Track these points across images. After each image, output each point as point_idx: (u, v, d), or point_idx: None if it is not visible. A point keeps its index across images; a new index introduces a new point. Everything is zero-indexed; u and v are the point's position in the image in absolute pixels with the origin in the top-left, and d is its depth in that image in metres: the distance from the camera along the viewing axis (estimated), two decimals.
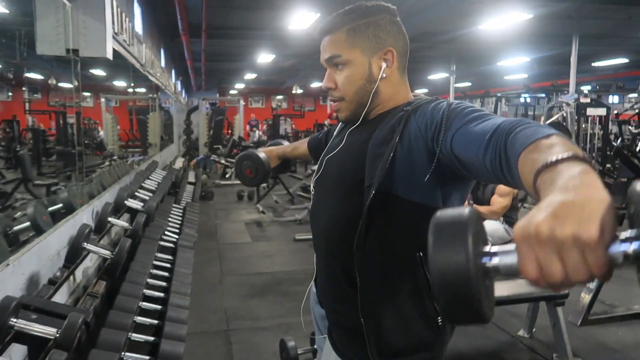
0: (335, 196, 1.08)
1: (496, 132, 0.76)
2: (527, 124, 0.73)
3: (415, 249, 0.97)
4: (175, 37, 8.68)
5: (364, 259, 1.00)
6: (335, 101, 1.10)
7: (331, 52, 1.06)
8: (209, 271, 4.34)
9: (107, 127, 9.00)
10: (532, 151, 0.65)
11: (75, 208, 2.76)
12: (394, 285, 1.01)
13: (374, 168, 0.97)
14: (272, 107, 20.14)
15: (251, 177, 1.55)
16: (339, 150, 1.13)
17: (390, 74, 1.06)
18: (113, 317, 1.86)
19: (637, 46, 10.42)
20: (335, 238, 1.06)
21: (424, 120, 0.95)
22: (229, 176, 10.41)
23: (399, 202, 0.97)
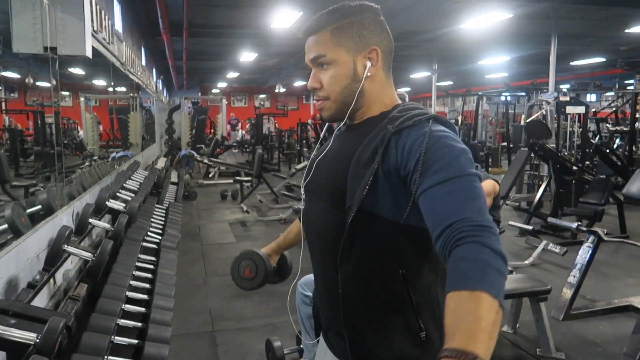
0: (325, 204, 1.07)
1: (447, 231, 0.80)
2: (473, 240, 0.77)
3: (398, 266, 0.99)
4: (156, 36, 8.57)
5: (348, 274, 1.02)
6: (319, 100, 1.09)
7: (316, 52, 1.05)
8: (193, 272, 4.29)
9: (87, 127, 8.85)
10: (455, 304, 0.72)
11: (54, 210, 2.70)
12: (376, 300, 1.02)
13: (354, 189, 0.97)
14: (255, 106, 20.05)
15: (250, 277, 1.39)
16: (326, 155, 1.12)
17: (375, 73, 1.05)
18: (95, 321, 1.83)
19: (613, 46, 10.64)
20: (330, 244, 1.05)
21: (401, 154, 0.94)
22: (212, 175, 10.33)
23: (382, 221, 0.97)
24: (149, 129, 11.04)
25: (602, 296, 3.58)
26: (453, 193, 0.85)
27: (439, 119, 0.98)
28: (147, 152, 8.92)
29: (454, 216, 0.81)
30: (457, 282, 0.74)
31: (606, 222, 5.26)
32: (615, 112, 10.62)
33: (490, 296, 0.70)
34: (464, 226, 0.79)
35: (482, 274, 0.73)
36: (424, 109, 1.03)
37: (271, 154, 13.55)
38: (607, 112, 11.51)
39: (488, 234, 0.77)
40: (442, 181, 0.86)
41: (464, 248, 0.77)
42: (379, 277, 1.01)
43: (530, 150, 5.32)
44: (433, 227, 0.84)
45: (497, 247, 0.76)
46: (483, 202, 0.84)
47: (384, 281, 1.00)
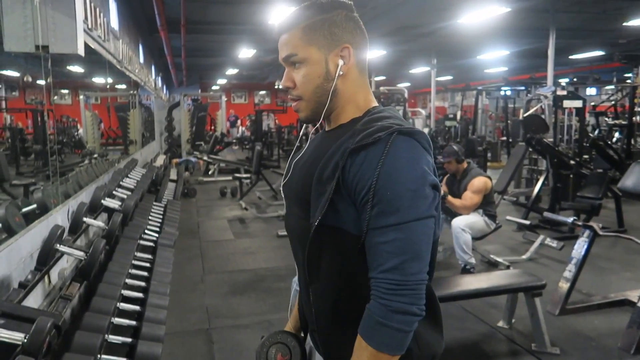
0: (299, 211, 1.06)
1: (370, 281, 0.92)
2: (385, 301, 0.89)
3: (367, 280, 0.96)
4: (153, 33, 8.55)
5: (318, 291, 1.02)
6: (294, 100, 1.07)
7: (287, 50, 1.03)
8: (190, 269, 4.30)
9: (87, 125, 8.84)
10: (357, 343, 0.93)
11: (49, 208, 2.70)
12: (348, 316, 1.01)
13: (317, 204, 0.96)
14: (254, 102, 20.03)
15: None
16: (301, 158, 1.11)
17: (348, 71, 1.03)
18: (88, 320, 1.83)
19: (612, 39, 10.59)
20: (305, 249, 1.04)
21: (353, 180, 0.92)
22: (211, 172, 10.34)
23: (347, 236, 0.96)
24: (148, 127, 11.04)
25: (598, 290, 3.58)
26: (386, 244, 0.90)
27: (404, 131, 0.92)
28: (146, 150, 8.92)
29: (377, 270, 0.90)
30: (362, 330, 0.92)
31: (604, 216, 5.26)
32: (614, 106, 10.58)
33: (379, 352, 0.90)
34: (379, 285, 0.90)
35: (379, 334, 0.89)
36: (392, 117, 0.99)
37: (271, 150, 13.55)
38: (607, 106, 11.47)
39: (397, 296, 0.88)
40: (381, 227, 0.90)
41: (373, 305, 0.90)
42: (348, 291, 1.00)
43: (528, 144, 5.31)
44: (369, 268, 0.93)
45: (402, 308, 0.88)
46: (416, 253, 0.90)
47: (354, 295, 0.99)
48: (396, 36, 9.51)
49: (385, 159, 0.89)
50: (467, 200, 3.98)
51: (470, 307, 3.27)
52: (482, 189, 4.00)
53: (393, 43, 10.26)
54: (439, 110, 17.91)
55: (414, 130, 0.94)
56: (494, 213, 4.13)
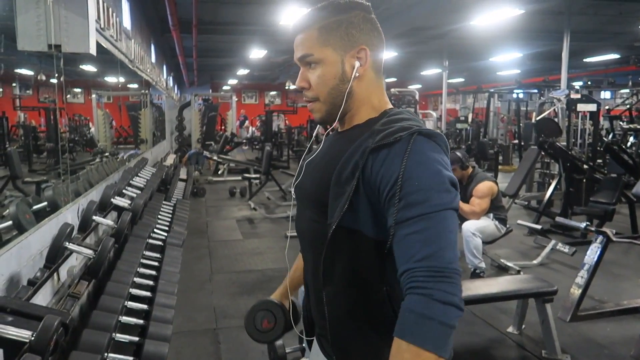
0: (312, 213, 1.05)
1: (404, 276, 0.85)
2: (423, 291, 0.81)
3: (381, 284, 0.96)
4: (165, 33, 8.61)
5: (332, 293, 1.00)
6: (309, 101, 1.06)
7: (303, 50, 1.02)
8: (198, 269, 4.31)
9: (99, 124, 8.92)
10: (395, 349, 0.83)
11: (60, 206, 2.72)
12: (362, 319, 0.99)
13: (335, 206, 0.95)
14: (265, 103, 20.08)
15: (270, 327, 1.25)
16: (315, 159, 1.09)
17: (364, 73, 1.02)
18: (96, 318, 1.83)
19: (628, 42, 10.45)
20: (319, 251, 1.02)
21: (376, 177, 0.91)
22: (221, 172, 10.37)
23: (364, 239, 0.95)
24: (159, 126, 11.11)
25: (611, 297, 3.53)
26: (416, 234, 0.85)
27: (424, 132, 0.92)
28: (156, 149, 8.97)
29: (411, 261, 0.84)
30: (401, 330, 0.82)
31: (617, 221, 5.18)
32: (629, 110, 10.44)
33: (424, 351, 0.79)
34: (418, 275, 0.82)
35: (421, 329, 0.80)
36: (411, 119, 0.98)
37: (281, 151, 13.56)
38: (621, 110, 11.32)
39: (439, 283, 0.81)
40: (410, 218, 0.86)
41: (411, 299, 0.82)
42: (363, 295, 0.98)
43: (540, 148, 5.25)
44: (397, 264, 0.87)
45: (447, 298, 0.80)
46: (448, 241, 0.85)
47: (369, 299, 0.97)
48: (408, 38, 9.47)
49: (409, 155, 0.88)
50: (476, 206, 3.96)
51: (479, 312, 3.23)
52: (487, 194, 3.97)
53: (405, 45, 10.23)
54: (450, 113, 17.80)
55: (434, 132, 0.93)
56: (504, 217, 4.09)
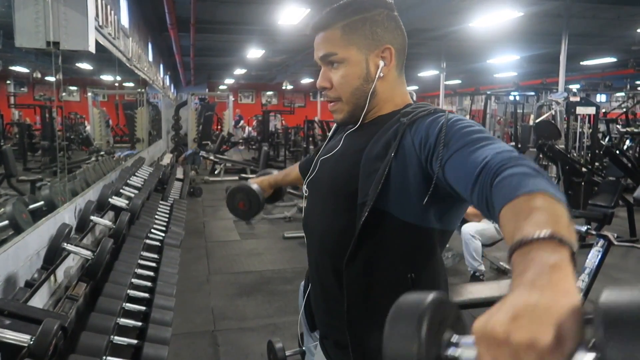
0: (328, 205, 1.02)
1: (484, 170, 0.72)
2: (515, 164, 0.68)
3: (406, 269, 0.94)
4: (163, 31, 8.56)
5: (353, 277, 0.96)
6: (331, 102, 1.03)
7: (326, 49, 0.99)
8: (196, 270, 4.27)
9: (94, 122, 8.85)
10: (513, 211, 0.61)
11: (57, 206, 2.68)
12: (382, 306, 0.96)
13: (368, 184, 0.92)
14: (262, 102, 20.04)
15: (245, 209, 1.48)
16: (334, 154, 1.07)
17: (388, 73, 1.00)
18: (94, 320, 1.80)
19: (624, 45, 10.48)
20: (330, 248, 1.00)
21: (419, 138, 0.89)
22: (217, 172, 10.32)
23: (392, 220, 0.92)
24: (155, 125, 11.04)
25: None
26: (481, 148, 0.77)
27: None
28: (153, 148, 8.92)
29: (488, 155, 0.73)
30: (508, 195, 0.63)
31: (615, 224, 5.17)
32: (625, 113, 10.47)
33: (553, 196, 0.60)
34: (502, 158, 0.71)
35: (535, 180, 0.63)
36: (438, 108, 0.99)
37: (277, 151, 13.52)
38: (618, 113, 11.37)
39: (528, 161, 0.70)
40: (468, 143, 0.80)
41: (507, 171, 0.67)
42: (386, 281, 0.95)
43: (539, 151, 5.25)
44: (467, 178, 0.75)
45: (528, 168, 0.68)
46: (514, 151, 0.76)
47: (391, 286, 0.95)
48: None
49: (447, 118, 0.88)
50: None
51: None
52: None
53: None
54: None
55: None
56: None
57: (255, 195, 1.45)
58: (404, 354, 0.49)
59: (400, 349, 0.49)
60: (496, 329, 0.44)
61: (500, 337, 0.44)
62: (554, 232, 0.52)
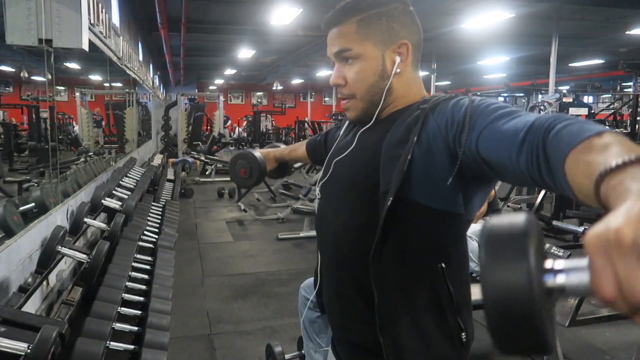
0: (346, 202, 0.99)
1: (532, 129, 0.67)
2: (568, 120, 0.64)
3: (436, 260, 0.90)
4: (153, 31, 8.46)
5: (381, 272, 0.91)
6: (344, 99, 1.00)
7: (340, 45, 0.96)
8: (189, 272, 4.20)
9: (83, 122, 8.73)
10: (584, 152, 0.57)
11: (48, 208, 2.61)
12: (413, 299, 0.92)
13: (389, 172, 0.88)
14: (252, 103, 19.95)
15: (245, 177, 1.47)
16: (349, 153, 1.03)
17: (405, 69, 0.97)
18: (90, 325, 1.74)
19: (612, 47, 10.61)
20: (346, 247, 0.97)
21: (443, 119, 0.86)
22: (208, 173, 10.24)
23: (418, 208, 0.88)
24: (145, 125, 10.92)
25: None
26: (517, 117, 0.74)
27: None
28: (143, 149, 8.82)
29: (529, 122, 0.69)
30: (571, 141, 0.60)
31: None
32: (613, 115, 10.58)
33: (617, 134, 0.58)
34: (547, 118, 0.67)
35: (593, 126, 0.61)
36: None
37: None
38: (605, 115, 11.49)
39: (577, 119, 0.66)
40: (502, 116, 0.76)
41: (559, 125, 0.64)
42: (416, 274, 0.91)
43: None
44: (510, 143, 0.70)
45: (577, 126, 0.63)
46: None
47: (423, 277, 0.91)
48: None
49: (471, 99, 0.85)
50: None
51: (478, 317, 3.18)
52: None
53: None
54: None
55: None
56: None
57: (257, 163, 1.44)
58: (513, 285, 0.41)
59: (508, 280, 0.41)
60: (620, 232, 0.37)
61: (627, 240, 0.37)
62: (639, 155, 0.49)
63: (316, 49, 10.11)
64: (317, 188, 1.10)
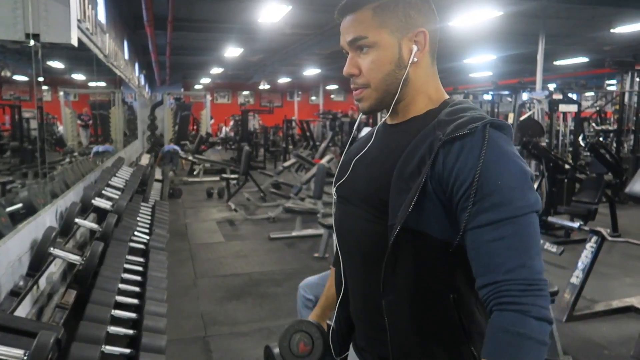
0: (366, 211, 0.94)
1: (489, 288, 0.78)
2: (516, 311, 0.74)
3: (448, 290, 0.87)
4: (139, 29, 8.34)
5: (393, 301, 0.89)
6: (357, 88, 0.94)
7: (355, 33, 0.91)
8: (181, 273, 4.13)
9: (67, 122, 8.57)
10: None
11: (37, 208, 2.53)
12: (426, 330, 0.89)
13: (398, 205, 0.84)
14: (238, 102, 19.82)
15: (307, 350, 1.10)
16: (366, 155, 0.99)
17: (422, 58, 0.92)
18: (84, 329, 1.68)
19: (597, 45, 10.73)
20: (373, 258, 0.91)
21: (450, 174, 0.81)
22: (196, 173, 10.14)
23: (431, 241, 0.85)
24: (130, 125, 10.76)
25: (601, 296, 3.54)
26: (503, 240, 0.77)
27: (496, 123, 0.84)
28: (130, 149, 8.69)
29: (499, 272, 0.77)
30: (495, 352, 0.75)
31: (597, 220, 5.25)
32: (598, 112, 10.73)
33: None
34: (509, 289, 0.76)
35: (518, 351, 0.73)
36: (476, 108, 0.89)
37: (256, 151, 13.38)
38: (589, 112, 11.65)
39: (533, 298, 0.75)
40: (493, 222, 0.78)
41: (505, 316, 0.75)
42: (428, 303, 0.88)
43: (524, 148, 5.29)
44: (476, 273, 0.80)
45: (541, 313, 0.75)
46: (535, 249, 0.78)
47: (434, 307, 0.88)
48: None
49: (487, 149, 0.79)
50: None
51: None
52: None
53: None
54: None
55: (504, 124, 0.85)
56: None
57: (317, 328, 1.11)
58: None
59: None
60: None
61: None
62: None
63: (304, 48, 10.05)
64: (334, 188, 1.04)
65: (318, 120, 15.79)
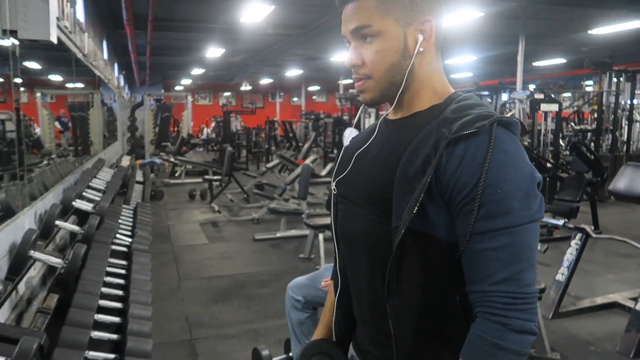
0: (369, 212, 0.90)
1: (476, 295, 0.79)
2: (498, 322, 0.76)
3: (454, 292, 0.84)
4: (118, 29, 8.20)
5: (399, 305, 0.86)
6: (360, 79, 0.91)
7: (359, 21, 0.87)
8: (165, 275, 4.06)
9: (44, 124, 8.37)
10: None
11: (15, 211, 2.44)
12: (434, 334, 0.86)
13: (402, 206, 0.81)
14: (220, 103, 19.66)
15: None
16: (368, 151, 0.95)
17: (427, 48, 0.89)
18: (67, 335, 1.63)
19: (575, 47, 10.92)
20: (378, 258, 0.88)
21: (452, 176, 0.79)
22: (178, 174, 10.01)
23: (436, 242, 0.82)
24: (110, 127, 10.57)
25: (585, 293, 3.59)
26: (495, 251, 0.77)
27: (503, 122, 0.80)
28: (110, 150, 8.53)
29: (487, 282, 0.78)
30: (469, 354, 0.79)
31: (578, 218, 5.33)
32: (577, 112, 10.92)
33: None
34: (494, 300, 0.77)
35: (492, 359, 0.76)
36: (483, 104, 0.86)
37: (239, 152, 13.28)
38: (568, 112, 11.86)
39: (517, 312, 0.76)
40: (491, 230, 0.76)
41: (485, 325, 0.77)
42: (435, 307, 0.85)
43: None
44: (467, 277, 0.81)
45: (524, 327, 0.76)
46: (529, 260, 0.78)
47: (441, 311, 0.85)
48: None
49: (492, 153, 0.76)
50: None
51: None
52: None
53: None
54: None
55: (512, 121, 0.81)
56: None
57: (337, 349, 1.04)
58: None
59: None
60: None
61: None
62: None
63: (286, 48, 10.01)
64: (333, 183, 1.01)
65: (300, 121, 15.76)
